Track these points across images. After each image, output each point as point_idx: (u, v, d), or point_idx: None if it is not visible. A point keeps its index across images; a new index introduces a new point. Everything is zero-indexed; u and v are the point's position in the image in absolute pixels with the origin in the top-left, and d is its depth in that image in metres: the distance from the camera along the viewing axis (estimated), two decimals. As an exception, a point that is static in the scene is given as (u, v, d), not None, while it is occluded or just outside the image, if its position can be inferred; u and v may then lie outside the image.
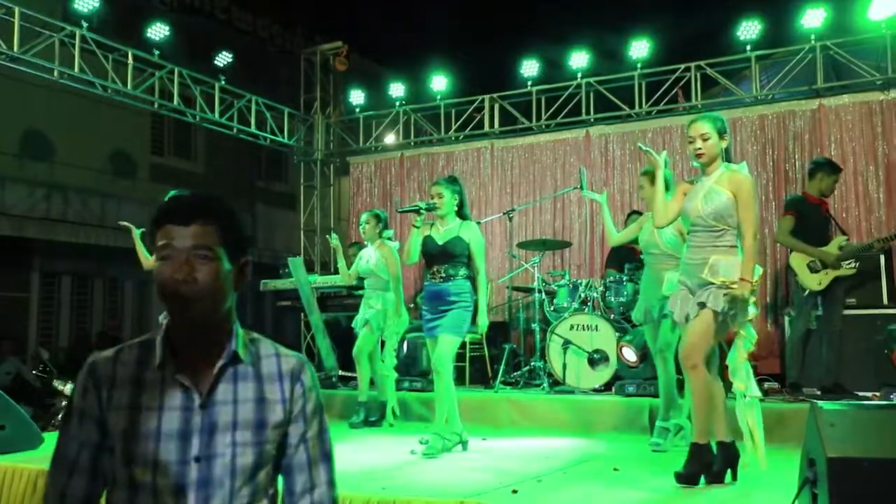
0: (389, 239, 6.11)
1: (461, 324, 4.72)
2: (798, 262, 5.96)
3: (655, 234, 4.87)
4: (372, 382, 6.24)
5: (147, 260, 5.79)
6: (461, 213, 4.89)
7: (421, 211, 4.78)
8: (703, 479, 3.64)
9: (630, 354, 6.11)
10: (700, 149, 3.75)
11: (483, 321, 4.82)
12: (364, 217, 6.23)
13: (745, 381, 3.68)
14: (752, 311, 3.65)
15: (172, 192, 5.69)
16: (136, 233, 5.79)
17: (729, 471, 3.69)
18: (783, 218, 6.06)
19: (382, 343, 6.13)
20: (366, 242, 6.24)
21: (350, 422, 6.10)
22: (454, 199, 4.84)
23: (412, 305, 8.26)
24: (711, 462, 3.65)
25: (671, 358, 4.87)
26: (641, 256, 5.24)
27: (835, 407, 2.73)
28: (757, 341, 3.80)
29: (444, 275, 4.75)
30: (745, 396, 3.67)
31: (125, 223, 5.93)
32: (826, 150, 7.35)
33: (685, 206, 3.83)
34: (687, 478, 3.60)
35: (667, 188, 4.46)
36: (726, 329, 3.69)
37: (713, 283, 3.60)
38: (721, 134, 3.77)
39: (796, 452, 3.10)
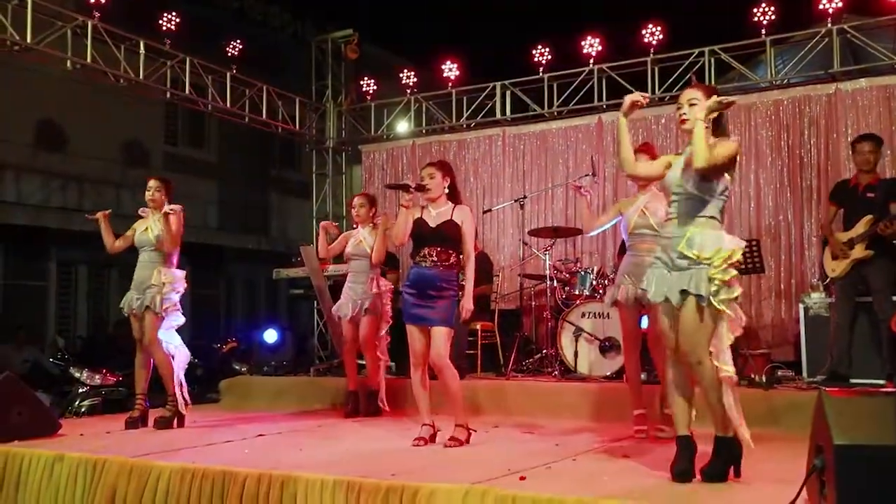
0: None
1: (452, 315, 4.59)
2: (827, 249, 6.00)
3: (647, 215, 4.78)
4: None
5: (112, 243, 5.73)
6: (453, 197, 4.74)
7: (410, 189, 4.62)
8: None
9: None
10: (685, 114, 3.54)
11: (469, 304, 4.63)
12: (358, 200, 6.24)
13: (727, 364, 3.40)
14: (737, 290, 3.41)
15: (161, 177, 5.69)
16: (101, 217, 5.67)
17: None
18: (828, 208, 6.18)
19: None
20: (355, 224, 6.25)
21: (346, 410, 6.15)
22: (445, 181, 4.70)
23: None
24: (740, 452, 3.46)
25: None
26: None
27: (843, 394, 2.72)
28: (747, 324, 3.53)
29: (435, 258, 4.56)
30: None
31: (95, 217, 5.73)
32: (842, 135, 7.28)
33: (667, 177, 3.64)
34: (718, 474, 3.41)
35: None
36: (719, 313, 3.42)
37: (688, 258, 3.41)
38: None
39: (807, 439, 3.09)
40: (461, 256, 4.66)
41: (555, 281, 7.09)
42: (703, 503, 3.17)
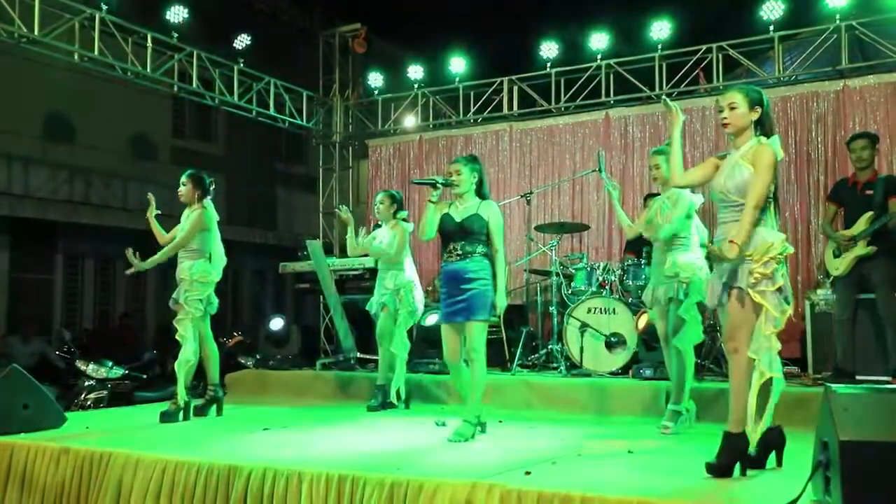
0: (404, 220, 6.11)
1: (486, 305, 4.59)
2: (828, 248, 6.02)
3: (659, 215, 4.83)
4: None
5: (163, 236, 5.82)
6: (481, 192, 4.77)
7: (437, 185, 4.68)
8: (737, 468, 3.48)
9: (642, 324, 6.18)
10: (726, 118, 3.61)
11: (501, 302, 4.66)
12: (379, 197, 6.24)
13: (760, 355, 3.42)
14: (779, 280, 3.43)
15: (189, 171, 5.76)
16: (153, 212, 5.82)
17: (773, 455, 3.58)
18: (827, 206, 6.23)
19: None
20: (380, 223, 6.26)
21: (368, 404, 6.13)
22: (473, 177, 4.73)
23: (430, 288, 8.29)
24: (746, 450, 3.49)
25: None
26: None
27: (849, 391, 2.71)
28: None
29: (460, 252, 4.61)
30: (761, 374, 3.41)
31: (151, 197, 5.90)
32: (850, 132, 7.22)
33: (713, 181, 3.68)
34: (722, 469, 3.42)
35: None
36: (759, 305, 3.45)
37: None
38: (752, 105, 3.59)
39: (813, 436, 3.09)
40: (489, 249, 4.68)
41: (561, 276, 7.09)
42: (707, 498, 3.17)
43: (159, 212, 5.88)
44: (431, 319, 7.05)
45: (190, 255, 5.63)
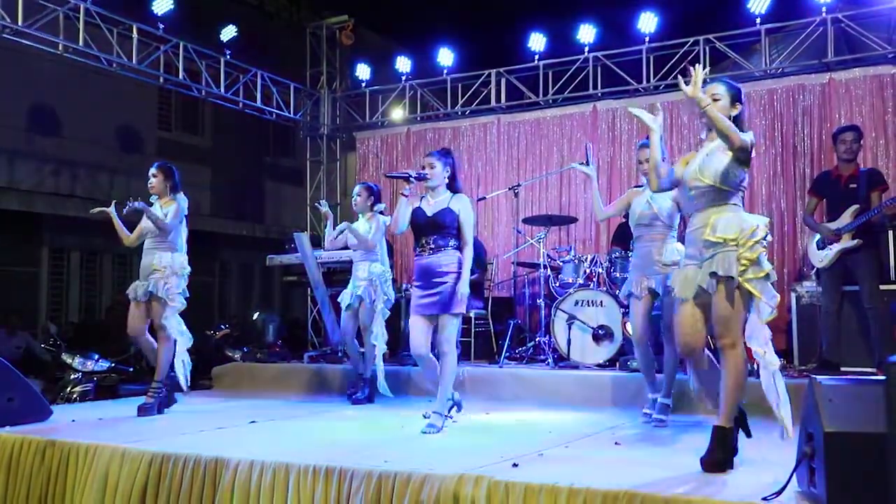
0: (381, 213, 6.13)
1: (459, 300, 4.62)
2: (811, 239, 6.06)
3: (653, 205, 4.83)
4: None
5: (128, 237, 5.75)
6: (453, 186, 4.80)
7: (410, 179, 4.72)
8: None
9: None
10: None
11: (464, 289, 4.62)
12: (356, 189, 6.29)
13: (762, 346, 3.46)
14: (766, 266, 3.42)
15: (158, 163, 5.70)
16: (112, 212, 5.66)
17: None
18: (809, 198, 6.25)
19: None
20: (357, 214, 6.27)
21: (354, 397, 6.13)
22: (446, 171, 4.75)
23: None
24: (736, 446, 3.51)
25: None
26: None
27: (834, 382, 2.73)
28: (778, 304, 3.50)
29: (433, 246, 4.64)
30: (772, 364, 3.46)
31: (99, 209, 5.73)
32: (836, 124, 7.27)
33: (685, 172, 3.65)
34: (720, 465, 3.39)
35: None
36: (750, 294, 3.42)
37: (715, 243, 3.43)
38: (734, 100, 3.62)
39: (798, 427, 3.11)
40: (460, 242, 4.70)
41: (548, 269, 7.10)
42: (693, 490, 3.18)
43: (116, 201, 5.78)
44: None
45: (166, 247, 5.54)
